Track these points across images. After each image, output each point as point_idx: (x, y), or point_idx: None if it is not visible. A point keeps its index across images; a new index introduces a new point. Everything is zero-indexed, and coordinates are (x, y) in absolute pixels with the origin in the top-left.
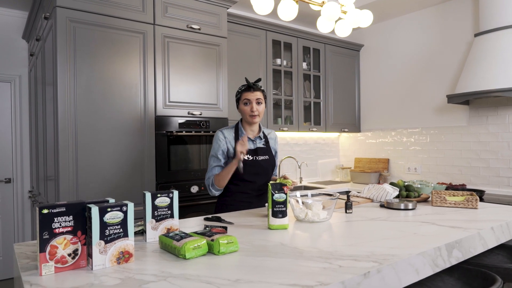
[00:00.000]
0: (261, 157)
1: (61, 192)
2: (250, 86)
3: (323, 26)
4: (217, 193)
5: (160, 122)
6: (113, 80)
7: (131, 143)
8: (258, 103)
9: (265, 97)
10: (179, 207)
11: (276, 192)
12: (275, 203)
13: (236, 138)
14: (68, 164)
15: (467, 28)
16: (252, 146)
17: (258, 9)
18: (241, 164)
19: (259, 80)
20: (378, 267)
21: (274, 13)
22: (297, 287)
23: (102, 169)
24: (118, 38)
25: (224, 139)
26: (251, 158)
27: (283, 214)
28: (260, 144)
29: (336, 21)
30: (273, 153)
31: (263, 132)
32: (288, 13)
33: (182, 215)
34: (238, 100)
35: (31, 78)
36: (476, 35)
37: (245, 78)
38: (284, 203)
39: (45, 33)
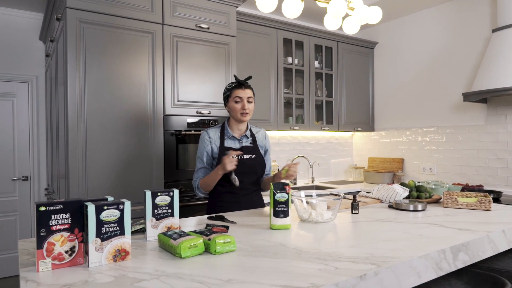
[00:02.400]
0: (246, 156)
1: (71, 190)
2: (242, 84)
3: (330, 24)
4: (203, 196)
5: (169, 121)
6: (122, 79)
7: (139, 142)
8: (249, 101)
9: (254, 95)
10: (187, 206)
11: (278, 191)
12: (276, 202)
13: (222, 138)
14: (78, 162)
15: (484, 24)
16: (237, 145)
17: (262, 6)
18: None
19: (249, 78)
20: (376, 270)
21: None
22: None
23: (111, 167)
24: (127, 38)
25: (208, 139)
26: (236, 157)
27: (285, 214)
28: (246, 143)
29: (344, 18)
30: (262, 152)
31: (250, 131)
32: (292, 10)
33: (190, 214)
34: (227, 98)
35: (47, 79)
36: (494, 30)
37: (234, 75)
38: (286, 202)
39: (58, 34)
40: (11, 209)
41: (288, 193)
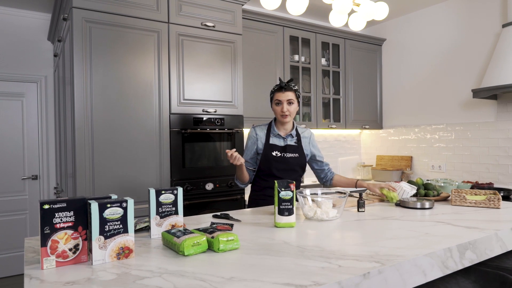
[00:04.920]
0: (289, 154)
1: (78, 189)
2: (282, 87)
3: (336, 20)
4: (242, 186)
5: (175, 119)
6: (128, 78)
7: (146, 140)
8: (290, 103)
9: (297, 97)
10: (194, 204)
11: (283, 189)
12: (281, 200)
13: (268, 135)
14: (85, 161)
15: (495, 19)
16: (282, 143)
17: (265, 3)
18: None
19: (291, 80)
20: (380, 268)
21: None
22: (291, 287)
23: (117, 166)
24: (132, 37)
25: (255, 136)
26: (280, 154)
27: (290, 212)
28: (291, 142)
29: (350, 14)
30: (305, 152)
31: (296, 130)
32: (297, 7)
33: (196, 212)
34: (271, 100)
35: (56, 79)
36: (504, 25)
37: (279, 78)
38: (291, 200)
39: (65, 34)
40: (21, 207)
41: (292, 191)
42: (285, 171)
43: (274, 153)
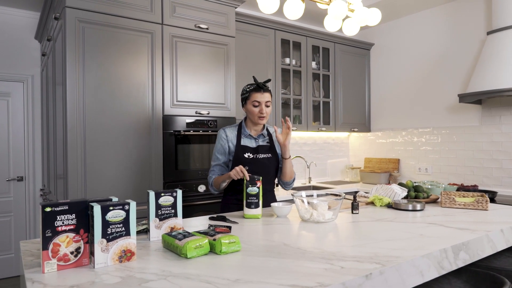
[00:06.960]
0: (262, 155)
1: (70, 191)
2: (260, 87)
3: (330, 25)
4: (215, 193)
5: (168, 121)
6: (121, 79)
7: (138, 142)
8: (267, 105)
9: (271, 98)
10: (187, 206)
11: (250, 186)
12: (248, 195)
13: (239, 137)
14: (77, 163)
15: (480, 26)
16: (253, 144)
17: (264, 7)
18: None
19: (268, 80)
20: (381, 269)
21: (282, 12)
22: None
23: (110, 168)
24: (126, 38)
25: (225, 138)
26: (252, 156)
27: (256, 205)
28: (262, 142)
29: (343, 20)
30: (278, 152)
31: (267, 130)
32: (294, 12)
33: (189, 215)
34: (245, 99)
35: (43, 78)
36: (488, 33)
37: (253, 77)
38: (256, 195)
39: (56, 33)
40: (6, 209)
41: (258, 187)
42: (258, 174)
43: (246, 155)
